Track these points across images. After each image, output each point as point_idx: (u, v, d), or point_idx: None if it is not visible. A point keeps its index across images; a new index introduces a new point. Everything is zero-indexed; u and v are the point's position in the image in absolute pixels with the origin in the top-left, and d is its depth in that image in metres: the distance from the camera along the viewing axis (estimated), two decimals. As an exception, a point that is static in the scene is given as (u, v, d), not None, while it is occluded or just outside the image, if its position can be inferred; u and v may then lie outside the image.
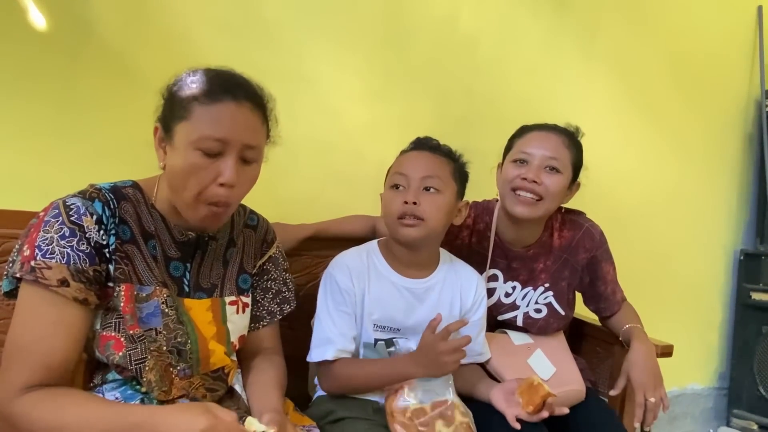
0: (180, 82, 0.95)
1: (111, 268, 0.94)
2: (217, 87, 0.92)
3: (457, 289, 1.33)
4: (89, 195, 0.94)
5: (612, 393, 1.40)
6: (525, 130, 1.44)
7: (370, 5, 1.76)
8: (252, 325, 1.16)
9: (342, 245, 1.39)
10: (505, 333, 1.51)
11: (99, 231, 0.92)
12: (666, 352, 1.50)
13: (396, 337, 1.28)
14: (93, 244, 0.91)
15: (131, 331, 0.95)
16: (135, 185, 1.01)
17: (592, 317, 1.66)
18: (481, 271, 1.44)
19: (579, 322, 1.69)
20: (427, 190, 1.23)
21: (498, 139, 1.49)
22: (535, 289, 1.50)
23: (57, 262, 0.87)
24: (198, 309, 1.05)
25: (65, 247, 0.88)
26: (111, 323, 0.94)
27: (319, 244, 1.50)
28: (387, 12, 1.79)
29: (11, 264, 0.92)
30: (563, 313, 1.51)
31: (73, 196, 0.94)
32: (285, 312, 1.21)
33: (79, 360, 0.96)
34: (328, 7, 1.70)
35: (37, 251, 0.87)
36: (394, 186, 1.25)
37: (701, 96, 2.43)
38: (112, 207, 0.95)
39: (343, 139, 1.75)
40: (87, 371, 1.01)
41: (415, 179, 1.22)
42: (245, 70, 1.00)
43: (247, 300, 1.14)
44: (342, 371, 1.23)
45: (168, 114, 0.94)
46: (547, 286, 1.50)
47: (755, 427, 2.49)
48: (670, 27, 2.31)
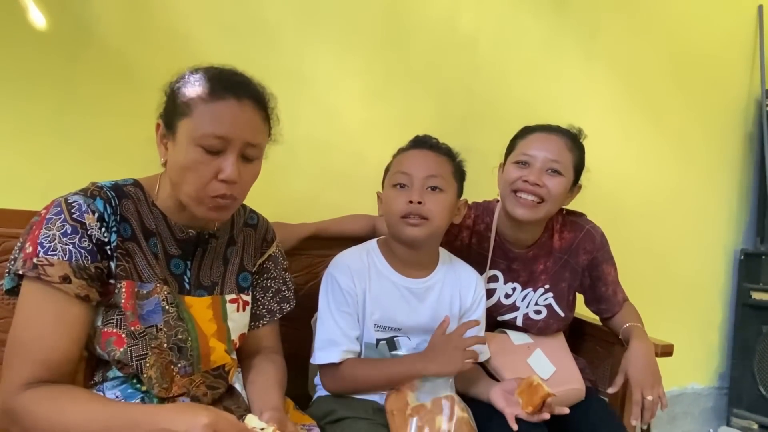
0: (183, 79, 0.95)
1: (112, 265, 0.94)
2: (220, 85, 0.93)
3: (457, 289, 1.33)
4: (91, 193, 0.94)
5: (610, 390, 1.40)
6: (527, 131, 1.44)
7: (370, 5, 1.76)
8: (252, 324, 1.17)
9: (342, 245, 1.39)
10: (505, 332, 1.51)
11: (101, 228, 0.92)
12: (666, 351, 1.50)
13: (397, 336, 1.28)
14: (95, 241, 0.91)
15: (132, 328, 0.95)
16: (136, 183, 1.02)
17: (592, 317, 1.65)
18: (481, 272, 1.44)
19: (579, 321, 1.69)
20: (432, 189, 1.23)
21: (498, 139, 1.49)
22: (535, 291, 1.50)
23: (59, 259, 0.88)
24: (198, 306, 1.05)
25: (67, 245, 0.89)
26: (112, 320, 0.95)
27: (319, 243, 1.50)
28: (387, 12, 1.79)
29: (13, 261, 0.92)
30: (563, 315, 1.51)
31: (75, 193, 0.94)
32: (285, 311, 1.21)
33: (80, 357, 0.96)
34: (328, 8, 1.70)
35: (40, 248, 0.88)
36: (397, 185, 1.25)
37: (701, 95, 2.43)
38: (113, 205, 0.95)
39: (343, 139, 1.76)
40: (88, 369, 1.01)
41: (419, 178, 1.22)
42: (246, 70, 1.01)
43: (248, 298, 1.14)
44: (348, 372, 1.23)
45: (171, 111, 0.95)
46: (547, 287, 1.50)
47: (755, 427, 2.48)
48: (670, 27, 2.31)
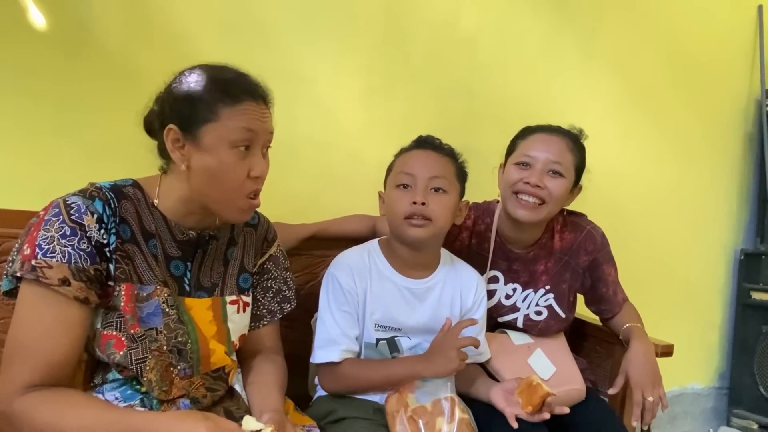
0: (193, 84, 0.95)
1: (111, 267, 0.94)
2: (238, 87, 0.96)
3: (458, 289, 1.33)
4: (90, 194, 0.94)
5: (610, 392, 1.40)
6: (528, 131, 1.43)
7: (369, 5, 1.76)
8: (252, 325, 1.17)
9: (342, 245, 1.39)
10: (505, 333, 1.50)
11: (100, 230, 0.92)
12: (666, 351, 1.50)
13: (397, 337, 1.28)
14: (94, 243, 0.91)
15: (132, 331, 0.95)
16: (135, 184, 1.02)
17: (592, 317, 1.65)
18: (482, 273, 1.43)
19: (579, 321, 1.69)
20: (436, 190, 1.23)
21: (498, 139, 1.48)
22: (536, 291, 1.49)
23: (58, 261, 0.87)
24: (198, 308, 1.05)
25: (66, 246, 0.88)
26: (112, 322, 0.94)
27: (320, 243, 1.50)
28: (386, 12, 1.79)
29: (11, 263, 0.92)
30: (564, 316, 1.51)
31: (74, 194, 0.94)
32: (285, 311, 1.21)
33: (80, 359, 0.96)
34: (327, 8, 1.70)
35: (38, 250, 0.88)
36: (400, 185, 1.24)
37: (701, 95, 2.43)
38: (112, 206, 0.95)
39: (343, 139, 1.75)
40: (87, 371, 1.01)
41: (423, 179, 1.22)
42: (245, 69, 1.01)
43: (248, 299, 1.14)
44: (348, 371, 1.23)
45: (189, 116, 0.94)
46: (548, 288, 1.49)
47: (755, 427, 2.48)
48: (670, 26, 2.31)
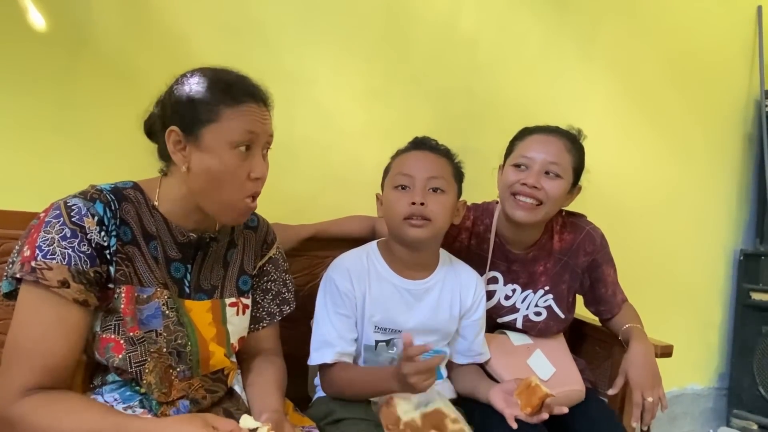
0: (194, 86, 0.95)
1: (112, 269, 0.94)
2: (239, 89, 0.96)
3: (457, 290, 1.33)
4: (90, 196, 0.94)
5: (610, 392, 1.40)
6: (526, 132, 1.43)
7: (369, 6, 1.76)
8: (252, 327, 1.17)
9: (342, 246, 1.39)
10: (505, 333, 1.50)
11: (100, 232, 0.92)
12: (666, 352, 1.50)
13: (396, 338, 1.28)
14: (94, 245, 0.91)
15: (131, 333, 0.95)
16: (135, 186, 1.02)
17: (591, 318, 1.65)
18: (481, 274, 1.43)
19: (579, 322, 1.69)
20: (434, 191, 1.23)
21: (498, 140, 1.48)
22: (535, 292, 1.49)
23: (58, 262, 0.87)
24: (198, 310, 1.05)
25: (66, 248, 0.88)
26: (111, 325, 0.94)
27: (319, 244, 1.50)
28: (386, 13, 1.79)
29: (11, 265, 0.92)
30: (563, 316, 1.51)
31: (75, 196, 0.94)
32: (285, 313, 1.21)
33: (79, 361, 0.96)
34: (326, 9, 1.70)
35: (38, 252, 0.88)
36: (398, 186, 1.25)
37: (701, 96, 2.43)
38: (113, 208, 0.95)
39: (342, 140, 1.75)
40: (87, 373, 1.01)
41: (421, 179, 1.22)
42: (245, 71, 1.01)
43: (247, 301, 1.14)
44: (339, 376, 1.23)
45: (191, 117, 0.94)
46: (547, 289, 1.49)
47: (755, 427, 2.48)
48: (669, 27, 2.31)
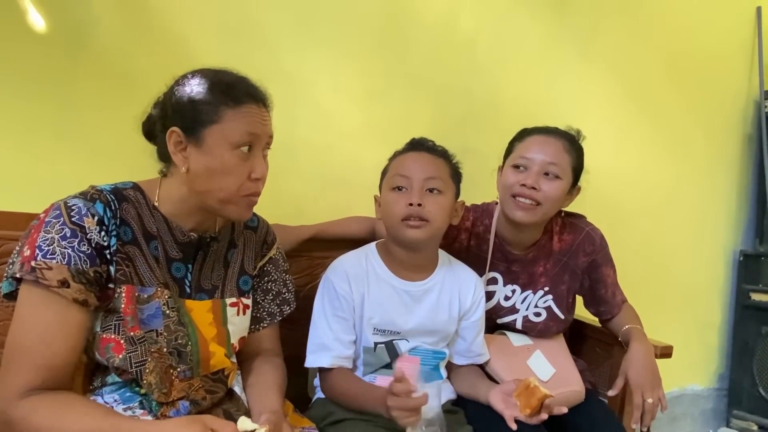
0: (196, 87, 0.96)
1: (112, 269, 0.94)
2: (240, 90, 0.97)
3: (456, 291, 1.33)
4: (90, 196, 0.94)
5: (610, 393, 1.40)
6: (525, 133, 1.43)
7: (368, 8, 1.76)
8: (252, 327, 1.17)
9: (341, 247, 1.39)
10: (504, 334, 1.50)
11: (100, 232, 0.92)
12: (666, 353, 1.50)
13: (395, 340, 1.28)
14: (94, 245, 0.91)
15: (131, 333, 0.95)
16: (135, 187, 1.02)
17: (591, 318, 1.65)
18: (481, 274, 1.43)
19: (578, 323, 1.69)
20: (431, 191, 1.23)
21: (497, 141, 1.48)
22: (535, 293, 1.49)
23: (58, 262, 0.87)
24: (199, 310, 1.05)
25: (66, 248, 0.88)
26: (111, 325, 0.94)
27: (319, 245, 1.50)
28: (385, 14, 1.79)
29: (11, 265, 0.92)
30: (563, 317, 1.51)
31: (75, 197, 0.94)
32: (285, 313, 1.21)
33: (79, 362, 0.96)
34: (326, 11, 1.70)
35: (38, 251, 0.88)
36: (396, 188, 1.25)
37: (700, 97, 2.43)
38: (113, 208, 0.95)
39: (342, 141, 1.75)
40: (87, 373, 1.01)
41: (418, 180, 1.22)
42: (245, 72, 1.01)
43: (248, 302, 1.14)
44: (338, 383, 1.23)
45: (192, 118, 0.95)
46: (547, 289, 1.49)
47: (755, 428, 2.48)
48: (668, 28, 2.31)
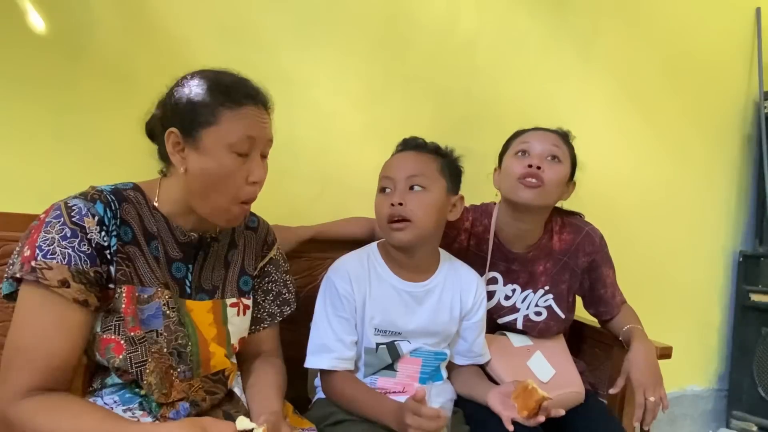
0: (194, 88, 0.95)
1: (112, 269, 0.94)
2: (239, 92, 0.96)
3: (457, 291, 1.33)
4: (91, 196, 0.94)
5: (611, 391, 1.39)
6: (520, 131, 1.45)
7: (368, 9, 1.76)
8: (252, 328, 1.17)
9: (342, 247, 1.39)
10: (505, 335, 1.50)
11: (100, 232, 0.92)
12: (665, 353, 1.50)
13: (397, 341, 1.28)
14: (94, 245, 0.91)
15: (132, 333, 0.95)
16: (136, 187, 1.02)
17: (591, 319, 1.65)
18: (481, 274, 1.43)
19: (578, 324, 1.69)
20: (413, 188, 1.22)
21: (497, 141, 1.49)
22: (535, 292, 1.49)
23: (58, 262, 0.87)
24: (199, 311, 1.05)
25: (66, 248, 0.88)
26: (111, 326, 0.94)
27: (319, 246, 1.49)
28: (385, 15, 1.79)
29: (11, 265, 0.92)
30: (563, 316, 1.51)
31: (75, 197, 0.94)
32: (285, 314, 1.21)
33: (79, 364, 0.96)
34: (325, 12, 1.70)
35: (38, 251, 0.88)
36: (381, 190, 1.26)
37: (699, 98, 2.43)
38: (113, 208, 0.95)
39: (342, 142, 1.76)
40: (86, 375, 1.01)
41: (401, 180, 1.22)
42: (245, 73, 1.01)
43: (248, 302, 1.14)
44: (342, 388, 1.23)
45: (190, 119, 0.94)
46: (547, 288, 1.50)
47: (755, 429, 2.48)
48: (668, 29, 2.31)
